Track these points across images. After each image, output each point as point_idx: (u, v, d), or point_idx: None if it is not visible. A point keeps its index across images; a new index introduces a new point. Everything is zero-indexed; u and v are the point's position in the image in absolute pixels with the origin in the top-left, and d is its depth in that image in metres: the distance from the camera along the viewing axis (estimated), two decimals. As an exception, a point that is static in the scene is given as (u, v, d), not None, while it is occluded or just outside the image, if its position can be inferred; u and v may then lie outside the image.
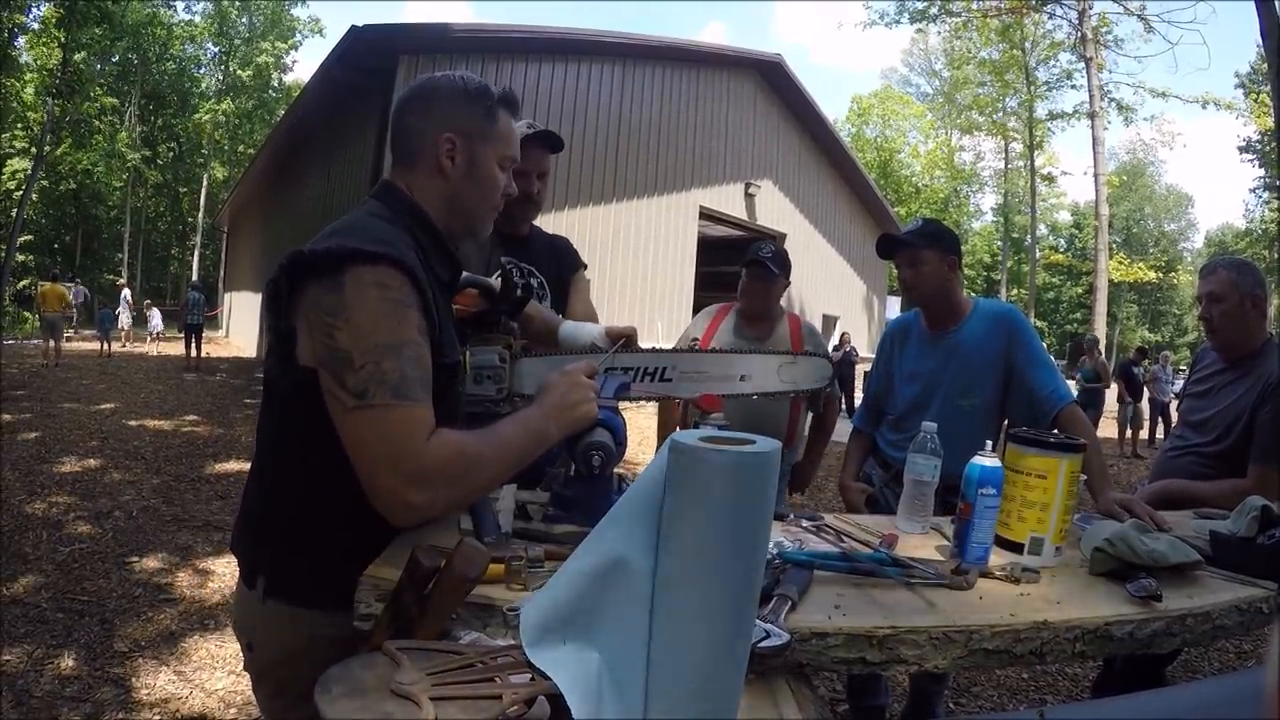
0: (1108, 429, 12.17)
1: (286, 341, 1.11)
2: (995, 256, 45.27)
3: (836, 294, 19.09)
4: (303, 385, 1.09)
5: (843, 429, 2.90)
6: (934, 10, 23.61)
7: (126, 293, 19.64)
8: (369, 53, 9.66)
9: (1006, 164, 38.23)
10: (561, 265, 2.20)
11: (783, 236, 15.62)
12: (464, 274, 1.51)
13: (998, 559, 1.40)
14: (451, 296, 1.36)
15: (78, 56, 26.92)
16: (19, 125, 29.10)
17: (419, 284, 1.10)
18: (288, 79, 37.62)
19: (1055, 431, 1.88)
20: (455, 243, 1.30)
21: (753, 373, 1.76)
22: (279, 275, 1.09)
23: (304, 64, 65.47)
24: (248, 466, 1.30)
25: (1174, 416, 10.45)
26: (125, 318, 18.90)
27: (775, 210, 16.41)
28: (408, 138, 1.24)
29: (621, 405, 1.41)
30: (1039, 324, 42.51)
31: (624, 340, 1.62)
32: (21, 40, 25.76)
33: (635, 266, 13.37)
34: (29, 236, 31.52)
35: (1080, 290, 45.17)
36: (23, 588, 3.51)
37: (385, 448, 1.01)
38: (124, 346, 18.20)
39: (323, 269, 1.05)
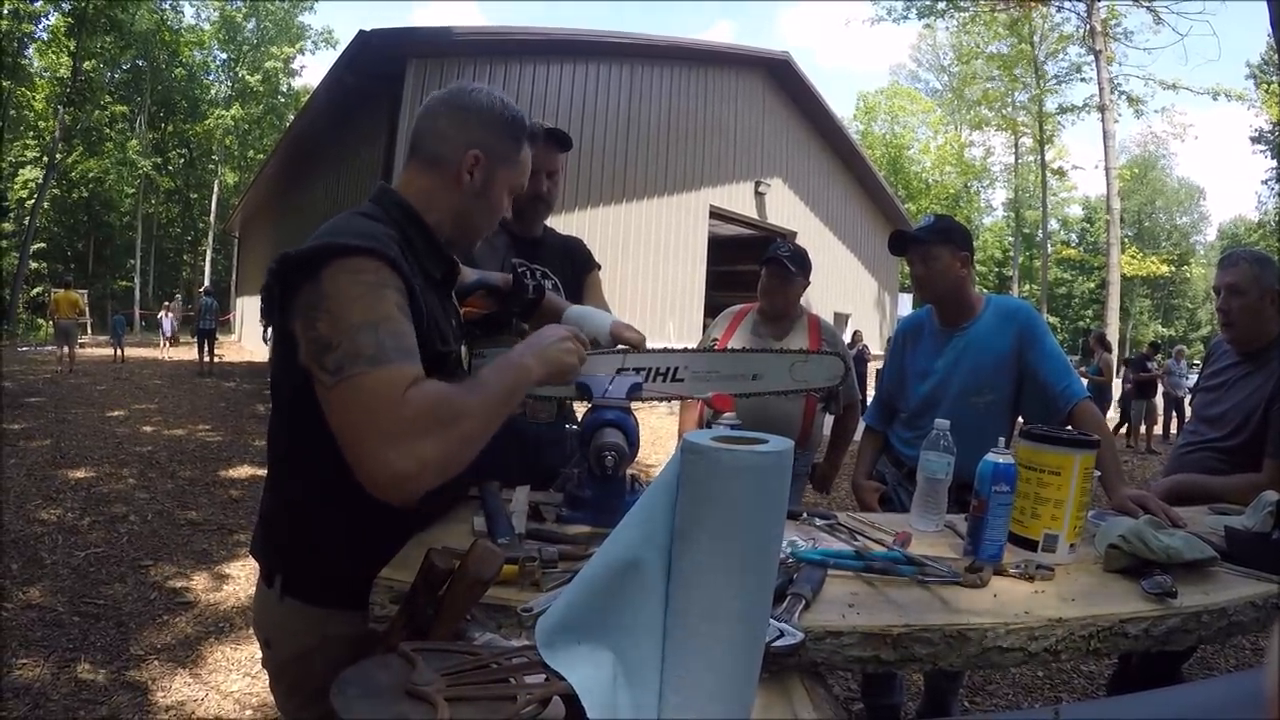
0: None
1: (288, 344, 1.11)
2: (1007, 252, 45.08)
3: (848, 291, 19.05)
4: (304, 386, 1.09)
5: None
6: (942, 5, 23.53)
7: (170, 315, 20.94)
8: (377, 57, 9.69)
9: (1017, 159, 38.03)
10: (575, 266, 2.19)
11: (793, 234, 15.59)
12: (477, 274, 1.51)
13: (1012, 556, 1.39)
14: (448, 293, 1.35)
15: (87, 65, 27.16)
16: (30, 134, 29.39)
17: (400, 273, 1.09)
18: (297, 84, 37.86)
19: (1069, 428, 1.87)
20: (450, 249, 1.31)
21: (765, 372, 1.76)
22: (270, 279, 1.10)
23: (314, 69, 65.71)
24: (262, 470, 1.31)
25: (1188, 411, 10.35)
26: (168, 325, 20.13)
27: (786, 208, 16.39)
28: (434, 140, 1.24)
29: (634, 406, 1.41)
30: (1051, 319, 42.24)
31: (628, 347, 1.59)
32: (31, 50, 26.02)
33: (646, 267, 13.36)
34: (42, 244, 31.79)
35: (1093, 285, 44.87)
36: (39, 593, 3.53)
37: (362, 412, 0.98)
38: (164, 354, 19.28)
39: (308, 269, 1.06)
